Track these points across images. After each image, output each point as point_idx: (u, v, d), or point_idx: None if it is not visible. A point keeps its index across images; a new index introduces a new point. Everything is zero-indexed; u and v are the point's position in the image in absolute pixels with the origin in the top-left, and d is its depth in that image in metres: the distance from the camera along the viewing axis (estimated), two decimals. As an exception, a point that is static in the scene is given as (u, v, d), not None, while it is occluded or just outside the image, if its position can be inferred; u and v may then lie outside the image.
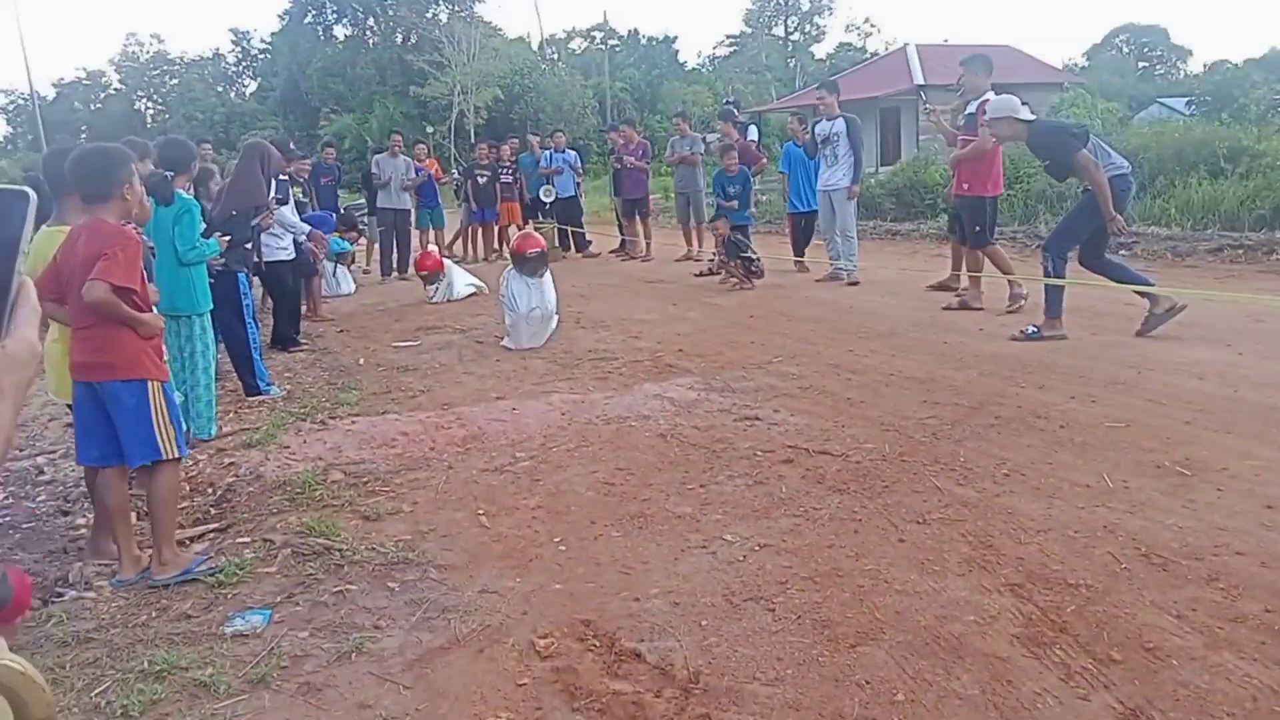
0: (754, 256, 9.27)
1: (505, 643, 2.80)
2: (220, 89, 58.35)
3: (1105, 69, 47.21)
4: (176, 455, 3.34)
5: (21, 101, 52.97)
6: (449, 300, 9.74)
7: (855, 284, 9.00)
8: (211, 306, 4.97)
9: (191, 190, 5.35)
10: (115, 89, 59.91)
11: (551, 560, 3.35)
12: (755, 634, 2.75)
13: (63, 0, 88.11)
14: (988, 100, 7.05)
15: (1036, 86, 22.87)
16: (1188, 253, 9.99)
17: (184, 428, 3.62)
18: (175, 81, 58.53)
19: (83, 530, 3.90)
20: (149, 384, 3.27)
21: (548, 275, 7.24)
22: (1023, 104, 6.80)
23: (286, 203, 7.59)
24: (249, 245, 6.16)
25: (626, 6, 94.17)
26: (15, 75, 56.79)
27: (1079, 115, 16.12)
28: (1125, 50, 56.45)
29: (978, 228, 7.32)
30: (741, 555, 3.27)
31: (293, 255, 7.51)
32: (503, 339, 7.16)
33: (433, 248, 11.45)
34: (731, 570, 3.16)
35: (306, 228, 7.82)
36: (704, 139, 13.03)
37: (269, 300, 8.06)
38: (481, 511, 3.84)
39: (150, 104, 60.24)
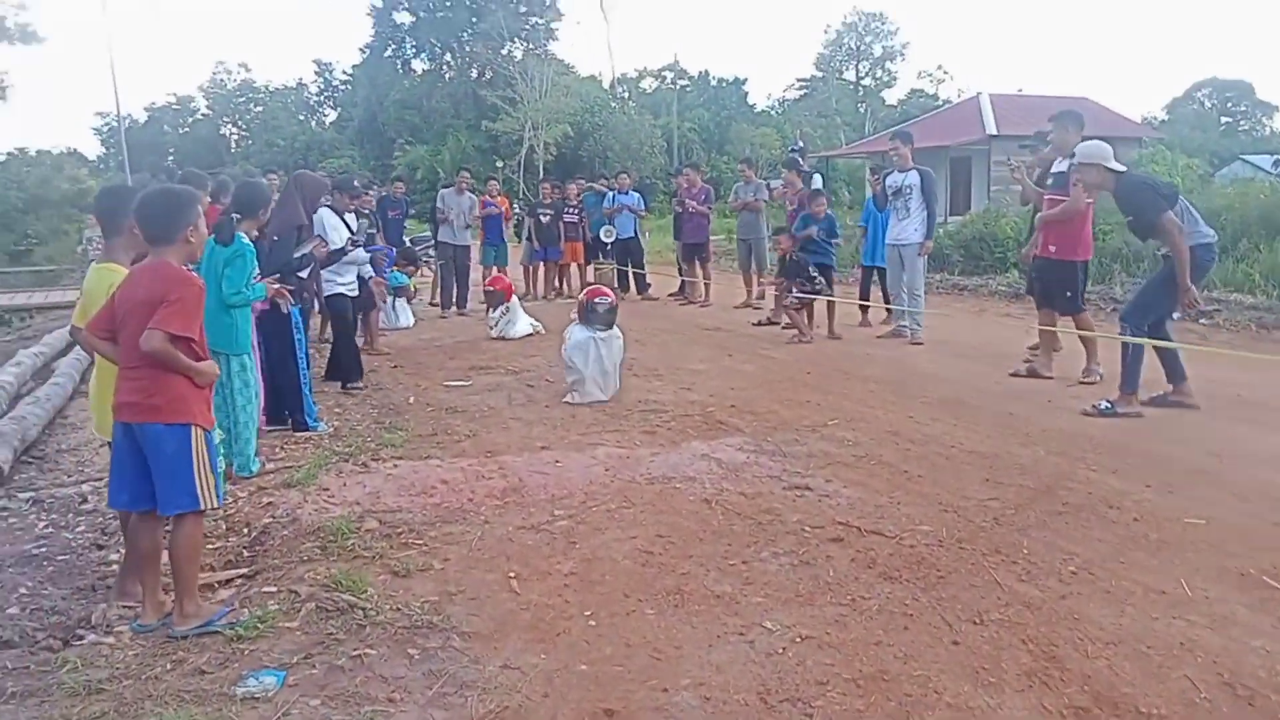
0: (815, 277, 9.16)
1: (523, 730, 2.63)
2: (301, 117, 60.21)
3: (1186, 123, 46.15)
4: (214, 505, 3.27)
5: (115, 124, 55.27)
6: (504, 338, 9.70)
7: (919, 344, 8.71)
8: (249, 348, 4.92)
9: (256, 235, 5.35)
10: (203, 114, 62.25)
11: (580, 636, 3.18)
12: (791, 742, 2.54)
13: (158, 28, 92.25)
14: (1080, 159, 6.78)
15: (1114, 140, 22.23)
16: (1274, 324, 9.49)
17: (223, 475, 3.54)
18: (259, 109, 60.60)
19: (114, 567, 3.84)
20: (193, 429, 3.20)
21: (616, 328, 6.87)
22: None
23: (360, 244, 7.56)
24: (302, 276, 6.13)
25: (698, 48, 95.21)
26: (110, 98, 59.17)
27: (1158, 172, 15.61)
28: (1208, 105, 55.15)
29: (1069, 293, 6.95)
30: (781, 647, 3.06)
31: (356, 291, 7.49)
32: (566, 395, 6.73)
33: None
34: (769, 664, 2.95)
35: (367, 256, 7.84)
36: (767, 185, 12.89)
37: (327, 330, 8.12)
38: (513, 574, 3.69)
39: (235, 130, 62.42)
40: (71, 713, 2.66)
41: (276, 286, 5.25)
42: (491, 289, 10.29)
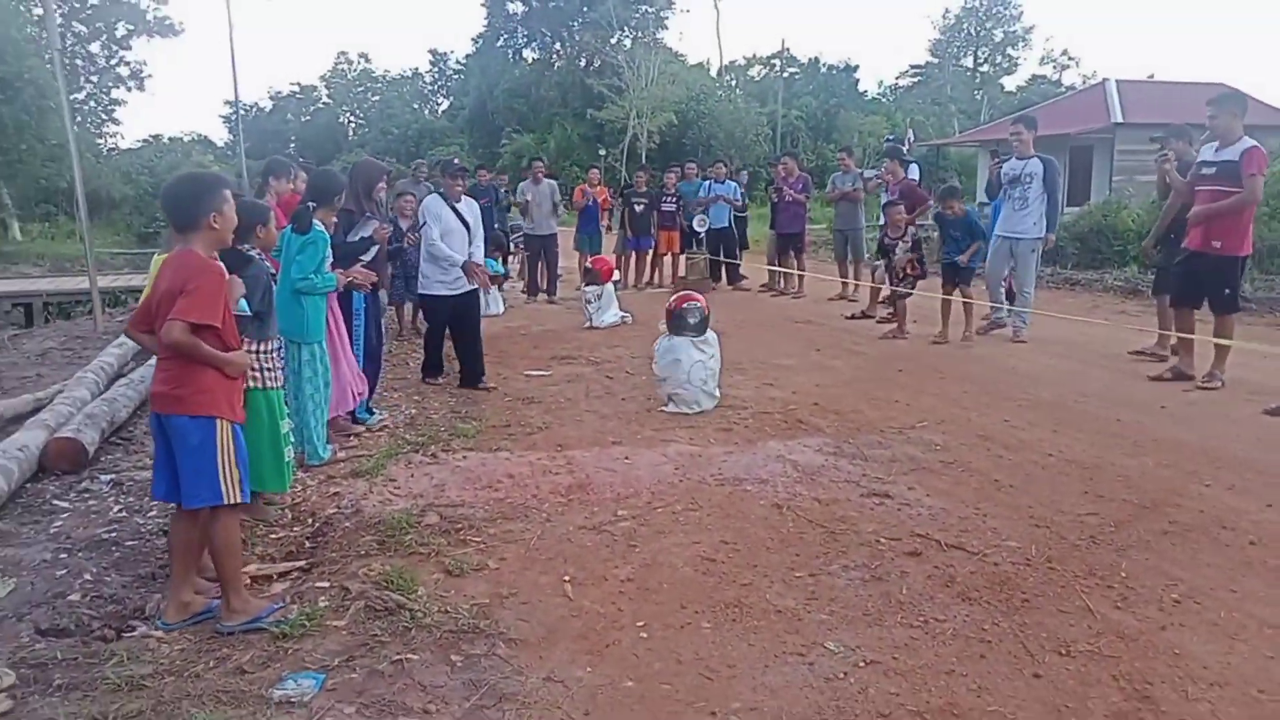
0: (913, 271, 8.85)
1: (558, 749, 2.50)
2: (416, 106, 61.72)
3: (1338, 110, 42.76)
4: (238, 500, 3.20)
5: (243, 111, 57.86)
6: (591, 326, 9.67)
7: (1022, 342, 8.21)
8: (322, 337, 4.91)
9: (335, 223, 5.32)
10: (324, 103, 64.50)
11: (630, 648, 3.03)
12: (841, 781, 2.33)
13: (286, 19, 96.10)
14: (1255, 148, 6.22)
15: (1257, 129, 20.79)
16: None
17: (290, 465, 3.47)
18: (377, 98, 62.39)
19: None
20: (218, 423, 3.13)
21: (710, 334, 6.30)
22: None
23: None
24: (367, 259, 5.99)
25: (810, 34, 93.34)
26: (239, 88, 61.91)
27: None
28: (1364, 90, 51.00)
29: (1228, 290, 6.41)
30: (842, 671, 2.84)
31: (457, 290, 6.76)
32: (666, 404, 6.13)
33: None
34: (828, 690, 2.74)
35: (460, 258, 6.76)
36: (862, 175, 12.46)
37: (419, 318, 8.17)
38: (568, 578, 3.57)
39: (353, 118, 64.48)
40: (110, 709, 2.65)
41: (350, 276, 5.24)
42: (591, 267, 10.29)
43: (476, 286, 6.88)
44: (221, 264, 3.20)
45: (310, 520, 4.30)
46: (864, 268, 11.53)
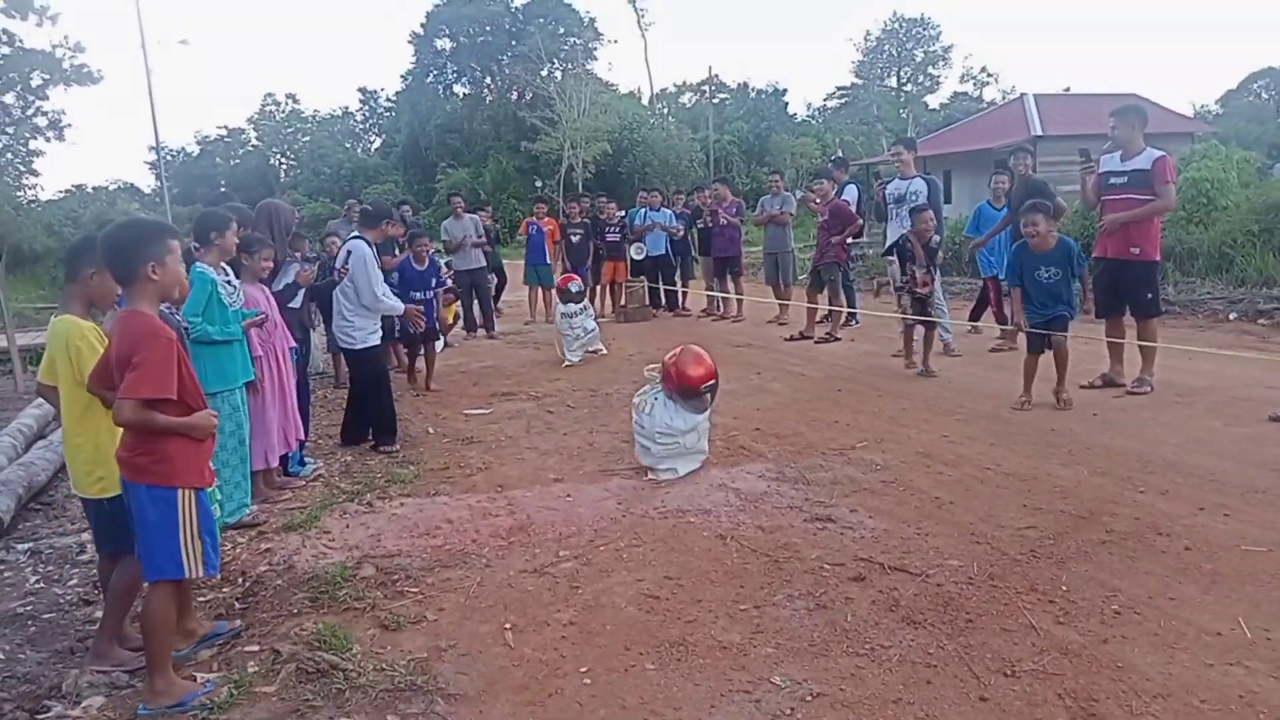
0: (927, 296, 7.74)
1: (499, 810, 2.40)
2: (348, 145, 61.23)
3: (1242, 115, 44.75)
4: (199, 575, 3.05)
5: (169, 158, 56.73)
6: (566, 363, 9.31)
7: (956, 355, 8.32)
8: (228, 385, 4.67)
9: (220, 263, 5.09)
10: (253, 145, 63.66)
11: (573, 697, 2.94)
12: (791, 824, 2.27)
13: (207, 63, 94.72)
14: (1164, 157, 6.46)
15: (1165, 136, 21.53)
16: (1340, 323, 8.94)
17: (218, 541, 3.29)
18: (307, 139, 61.73)
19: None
20: (179, 493, 2.96)
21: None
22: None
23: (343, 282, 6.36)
24: (295, 307, 5.91)
25: (737, 60, 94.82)
26: (164, 132, 60.72)
27: (1212, 167, 14.96)
28: (1265, 96, 53.41)
29: (1150, 295, 6.59)
30: (789, 707, 2.78)
31: (376, 341, 6.46)
32: (648, 473, 5.26)
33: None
34: (775, 727, 2.69)
35: (400, 307, 6.59)
36: (796, 193, 12.58)
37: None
38: (509, 625, 3.47)
39: (284, 159, 63.68)
40: (21, 796, 2.50)
41: (261, 319, 4.97)
42: (565, 288, 9.90)
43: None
44: (169, 329, 2.98)
45: (240, 579, 4.13)
46: (795, 289, 11.62)
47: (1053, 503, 4.39)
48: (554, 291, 13.29)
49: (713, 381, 5.35)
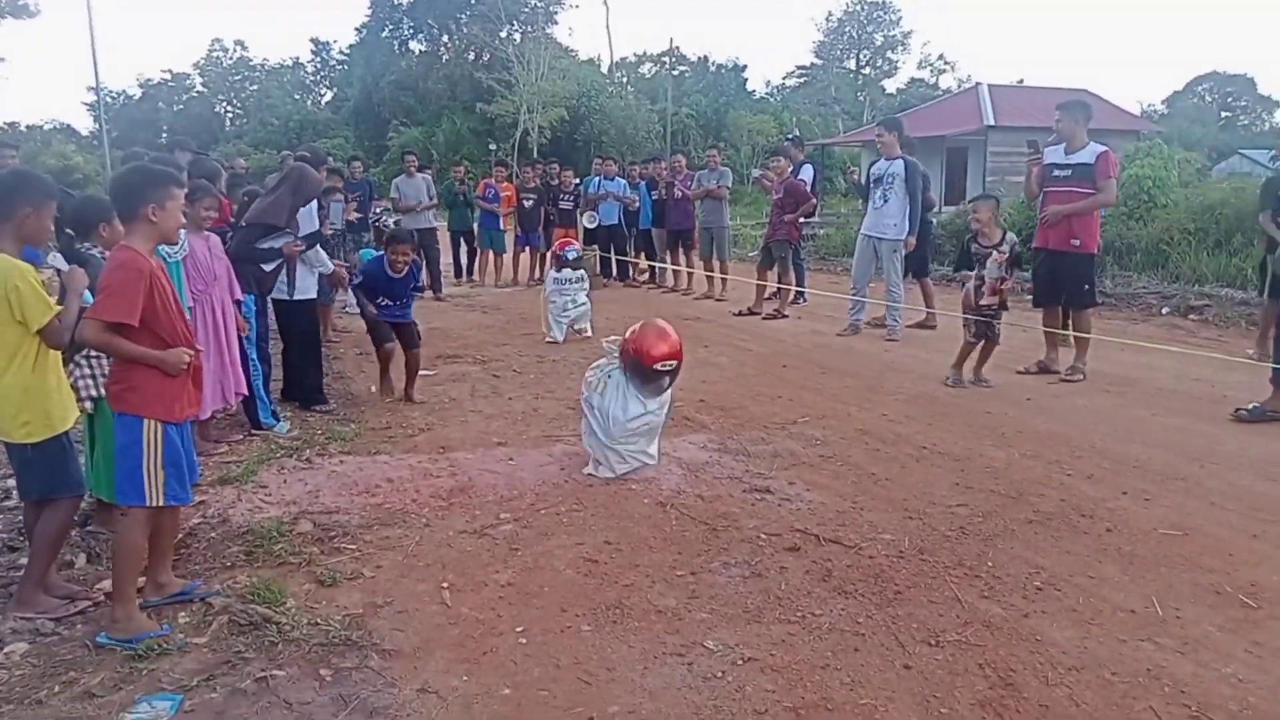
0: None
1: (430, 764, 2.42)
2: (297, 96, 59.65)
3: (1186, 117, 45.93)
4: (160, 503, 3.07)
5: (109, 99, 54.75)
6: (549, 339, 8.60)
7: (894, 341, 8.45)
8: None
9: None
10: (198, 91, 61.74)
11: (508, 655, 2.97)
12: (717, 782, 2.33)
13: (153, 2, 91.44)
14: (1107, 152, 6.63)
15: (1112, 133, 22.02)
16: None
17: (187, 475, 3.26)
18: (255, 87, 60.11)
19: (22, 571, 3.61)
20: (145, 423, 3.03)
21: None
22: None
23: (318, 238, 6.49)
24: (268, 269, 5.83)
25: (698, 33, 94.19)
26: (104, 73, 58.82)
27: (1154, 165, 15.34)
28: (1209, 99, 54.86)
29: (1087, 286, 6.78)
30: (721, 670, 2.84)
31: (312, 295, 6.36)
32: (586, 466, 4.75)
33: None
34: (706, 689, 2.74)
35: (329, 266, 6.51)
36: (754, 171, 12.56)
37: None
38: (446, 584, 3.47)
39: (230, 108, 61.93)
40: (-60, 741, 2.45)
41: None
42: (561, 254, 8.96)
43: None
44: (150, 261, 3.05)
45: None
46: (730, 264, 11.61)
47: (984, 482, 4.51)
48: (505, 257, 13.28)
49: (673, 362, 4.63)
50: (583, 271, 8.92)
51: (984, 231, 6.48)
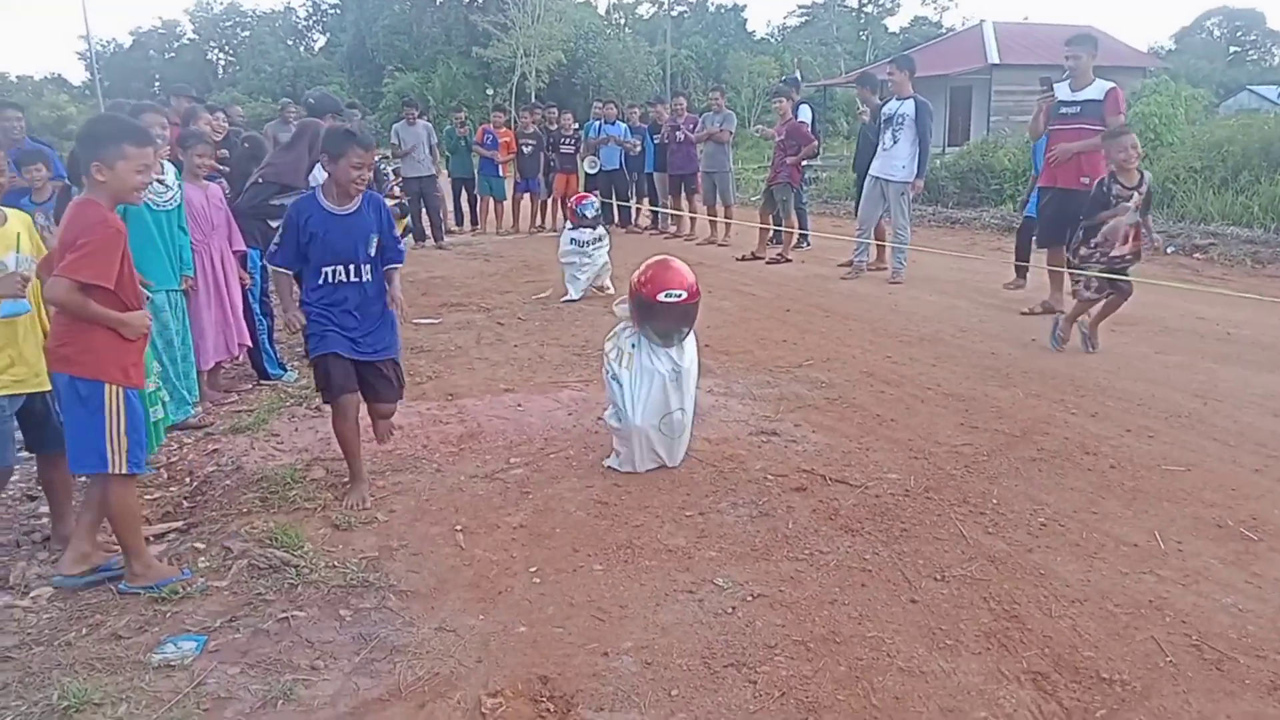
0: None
1: (451, 698, 2.49)
2: (290, 43, 58.78)
3: (1194, 53, 45.17)
4: (124, 470, 2.99)
5: (100, 48, 53.98)
6: (566, 297, 7.95)
7: (898, 283, 8.44)
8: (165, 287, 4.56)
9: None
10: (189, 39, 60.82)
11: (522, 595, 3.03)
12: (729, 712, 2.40)
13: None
14: (1115, 88, 6.55)
15: (1118, 70, 21.72)
16: (1270, 259, 9.24)
17: (146, 442, 3.23)
18: (247, 34, 59.17)
19: (45, 520, 3.68)
20: (106, 387, 2.93)
21: (690, 340, 4.11)
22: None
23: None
24: (274, 224, 5.78)
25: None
26: (95, 22, 58.04)
27: (1161, 103, 15.16)
28: (1217, 34, 53.93)
29: None
30: (731, 606, 2.91)
31: None
32: (607, 458, 4.12)
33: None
34: (717, 625, 2.81)
35: None
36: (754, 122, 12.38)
37: None
38: (460, 527, 3.53)
39: (222, 55, 61.06)
40: (-30, 683, 2.52)
41: None
42: (578, 208, 8.16)
43: None
44: (120, 222, 2.96)
45: (187, 479, 4.14)
46: (734, 209, 11.55)
47: (988, 422, 4.55)
48: (505, 204, 13.19)
49: (679, 293, 3.93)
50: (603, 229, 8.16)
51: (1126, 169, 5.60)
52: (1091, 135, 6.50)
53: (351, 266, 3.75)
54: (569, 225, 8.20)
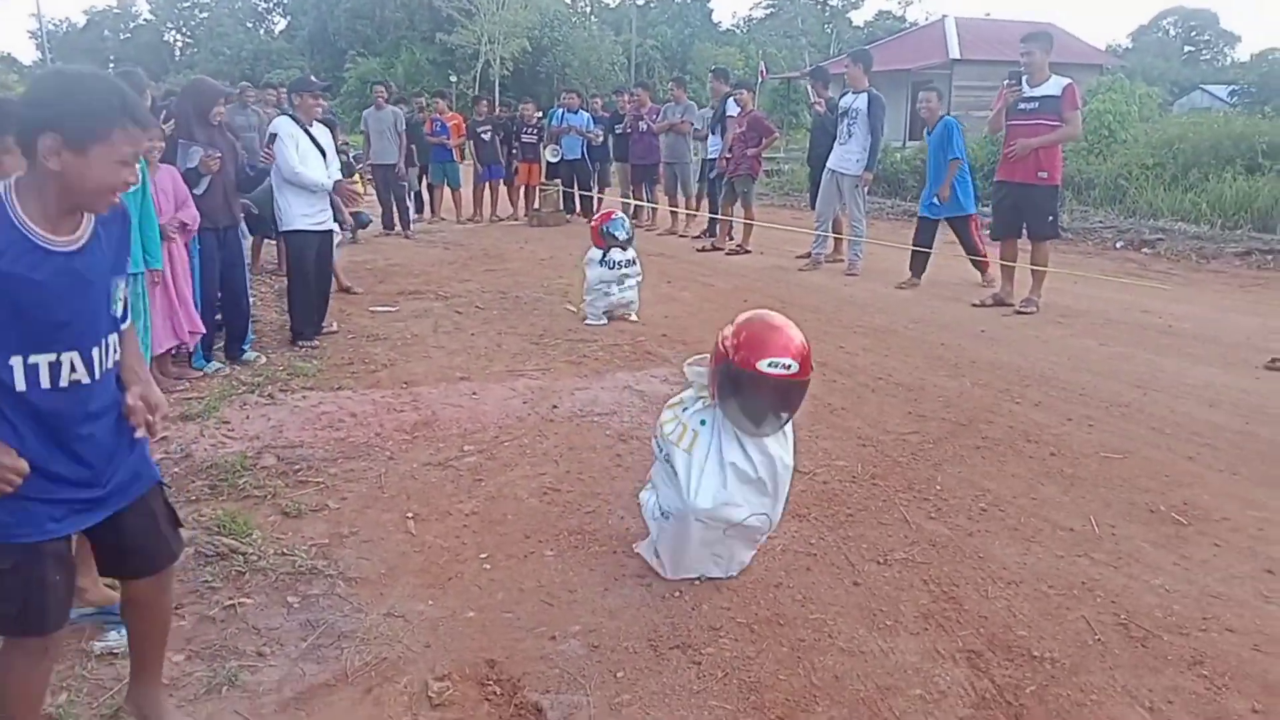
0: None
1: (398, 683, 2.51)
2: (249, 25, 57.87)
3: (1150, 51, 46.01)
4: None
5: (53, 28, 52.79)
6: (585, 320, 6.77)
7: (854, 275, 8.54)
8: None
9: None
10: (145, 19, 59.68)
11: (472, 580, 3.06)
12: (673, 693, 2.44)
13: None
14: (1072, 85, 6.70)
15: (1076, 67, 22.05)
16: (1214, 254, 9.49)
17: None
18: (205, 15, 58.16)
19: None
20: None
21: (789, 429, 3.09)
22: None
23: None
24: (199, 193, 5.56)
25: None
26: (49, 2, 56.78)
27: (1115, 100, 15.44)
28: (1172, 33, 54.94)
29: (1050, 218, 6.91)
30: (678, 590, 2.95)
31: (324, 225, 6.09)
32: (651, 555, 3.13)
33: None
34: (663, 608, 2.85)
35: (323, 183, 5.94)
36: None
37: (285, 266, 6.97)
38: (411, 514, 3.54)
39: (179, 36, 59.96)
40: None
41: None
42: (607, 229, 6.88)
43: (331, 227, 6.29)
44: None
45: (136, 467, 4.09)
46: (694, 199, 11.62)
47: (936, 411, 4.64)
48: (464, 192, 13.11)
49: (790, 362, 2.87)
50: (633, 252, 6.95)
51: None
52: (1049, 131, 6.64)
53: (90, 351, 1.89)
54: (595, 250, 6.86)
